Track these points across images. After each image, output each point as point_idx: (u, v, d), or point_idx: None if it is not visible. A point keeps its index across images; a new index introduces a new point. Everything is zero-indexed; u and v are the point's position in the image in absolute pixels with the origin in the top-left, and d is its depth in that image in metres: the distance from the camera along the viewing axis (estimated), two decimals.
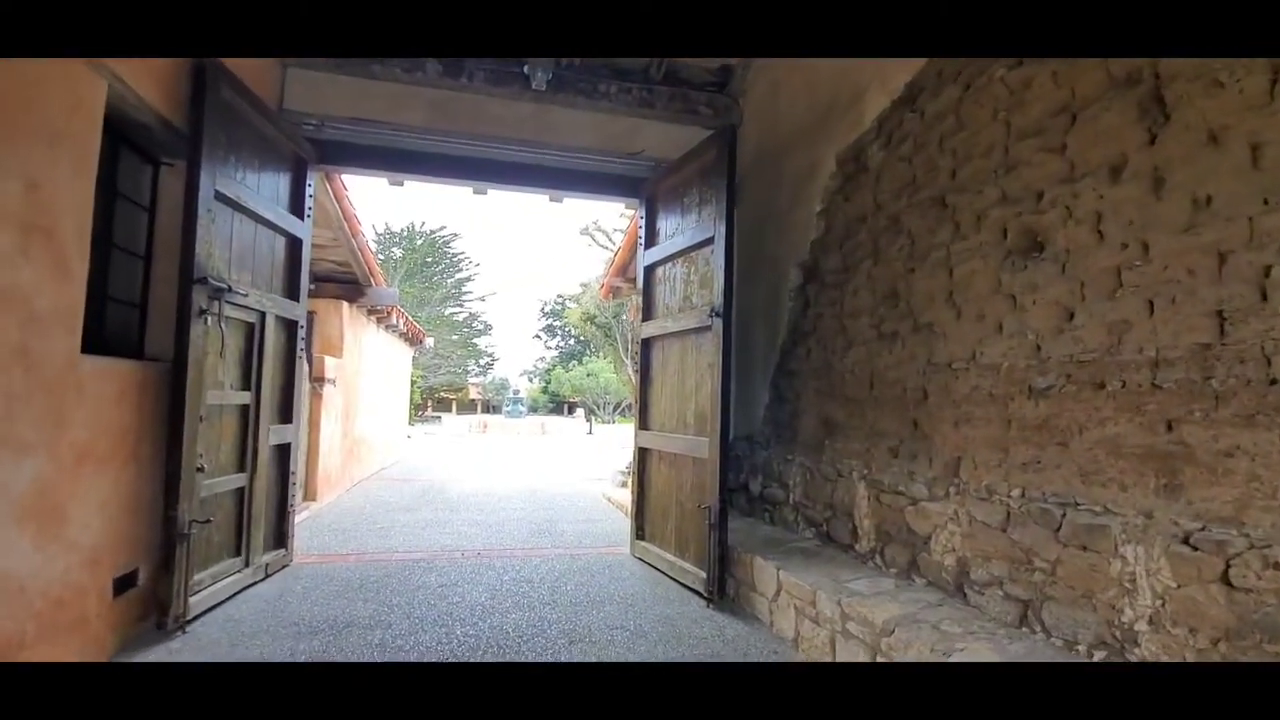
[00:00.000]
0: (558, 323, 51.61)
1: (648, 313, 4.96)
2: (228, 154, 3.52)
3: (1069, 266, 2.38)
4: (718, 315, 3.89)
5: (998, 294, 2.67)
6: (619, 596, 3.89)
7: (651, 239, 4.99)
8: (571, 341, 51.47)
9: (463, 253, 40.60)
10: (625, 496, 7.15)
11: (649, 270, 4.98)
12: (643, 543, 4.75)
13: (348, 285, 7.61)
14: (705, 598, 3.79)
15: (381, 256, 35.22)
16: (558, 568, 4.49)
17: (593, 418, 32.54)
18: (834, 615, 2.82)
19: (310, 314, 7.17)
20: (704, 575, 3.84)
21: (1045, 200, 2.49)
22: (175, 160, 3.56)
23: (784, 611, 3.23)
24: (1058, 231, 2.43)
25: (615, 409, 43.34)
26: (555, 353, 51.60)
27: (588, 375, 39.22)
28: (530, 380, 52.02)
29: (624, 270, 8.66)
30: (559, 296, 52.23)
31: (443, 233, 38.13)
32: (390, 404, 10.82)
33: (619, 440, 20.81)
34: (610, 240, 13.89)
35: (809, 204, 4.22)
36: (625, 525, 5.97)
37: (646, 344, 4.94)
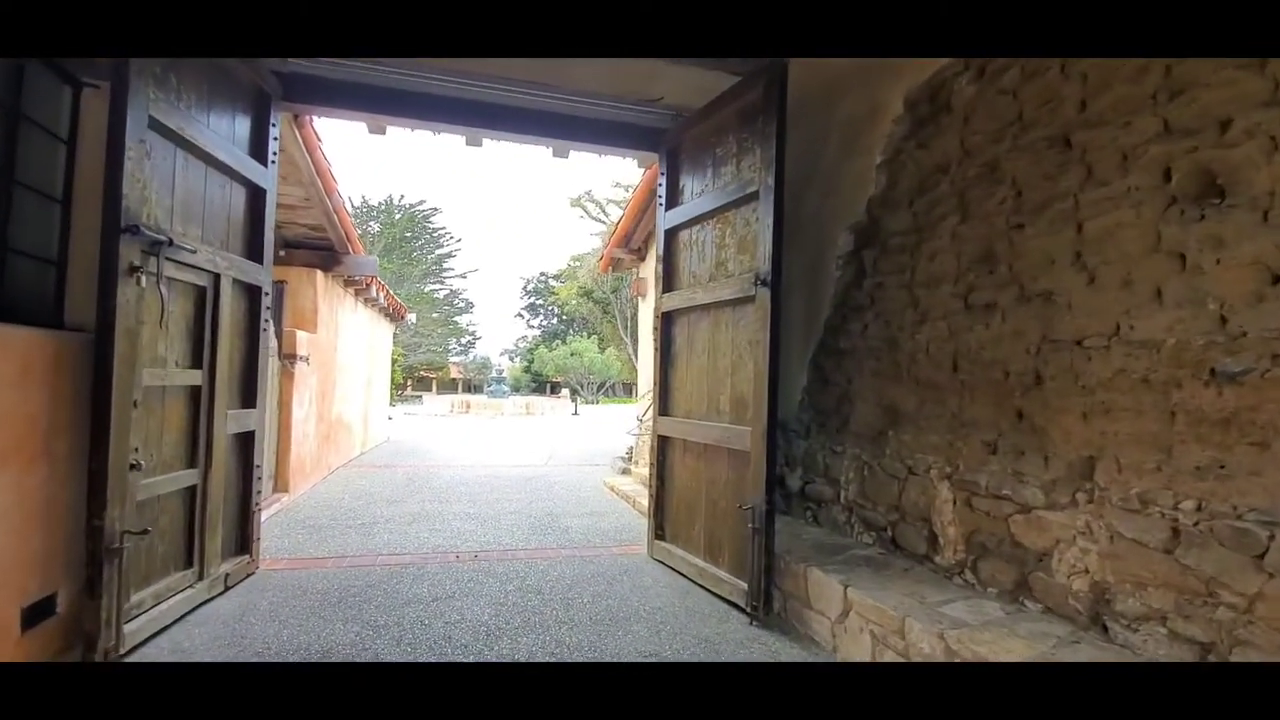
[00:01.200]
0: (541, 301, 50.69)
1: (669, 283, 4.34)
2: (166, 72, 2.81)
3: (1274, 214, 1.82)
4: (764, 284, 3.30)
5: (1156, 253, 2.10)
6: (645, 612, 3.33)
7: (674, 198, 4.35)
8: (555, 320, 50.62)
9: (444, 228, 39.36)
10: (630, 486, 6.57)
11: (670, 235, 4.36)
12: (663, 543, 4.20)
13: (322, 252, 6.86)
14: (748, 613, 3.24)
15: (359, 231, 33.94)
16: (568, 574, 3.91)
17: (577, 398, 31.97)
18: (934, 650, 2.28)
19: (280, 284, 6.44)
20: (745, 586, 3.30)
21: (1236, 130, 1.92)
22: (101, 82, 2.84)
23: (855, 638, 2.69)
24: (1255, 170, 1.86)
25: (600, 389, 42.87)
26: (538, 331, 50.80)
27: (571, 355, 38.57)
28: (512, 359, 51.19)
29: (626, 240, 8.00)
30: (542, 274, 51.22)
31: (423, 207, 36.80)
32: (371, 383, 10.09)
33: (607, 421, 20.22)
34: (604, 212, 13.19)
35: (865, 155, 3.62)
36: (635, 520, 5.41)
37: (668, 319, 4.33)
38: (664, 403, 4.32)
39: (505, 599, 3.45)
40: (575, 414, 26.06)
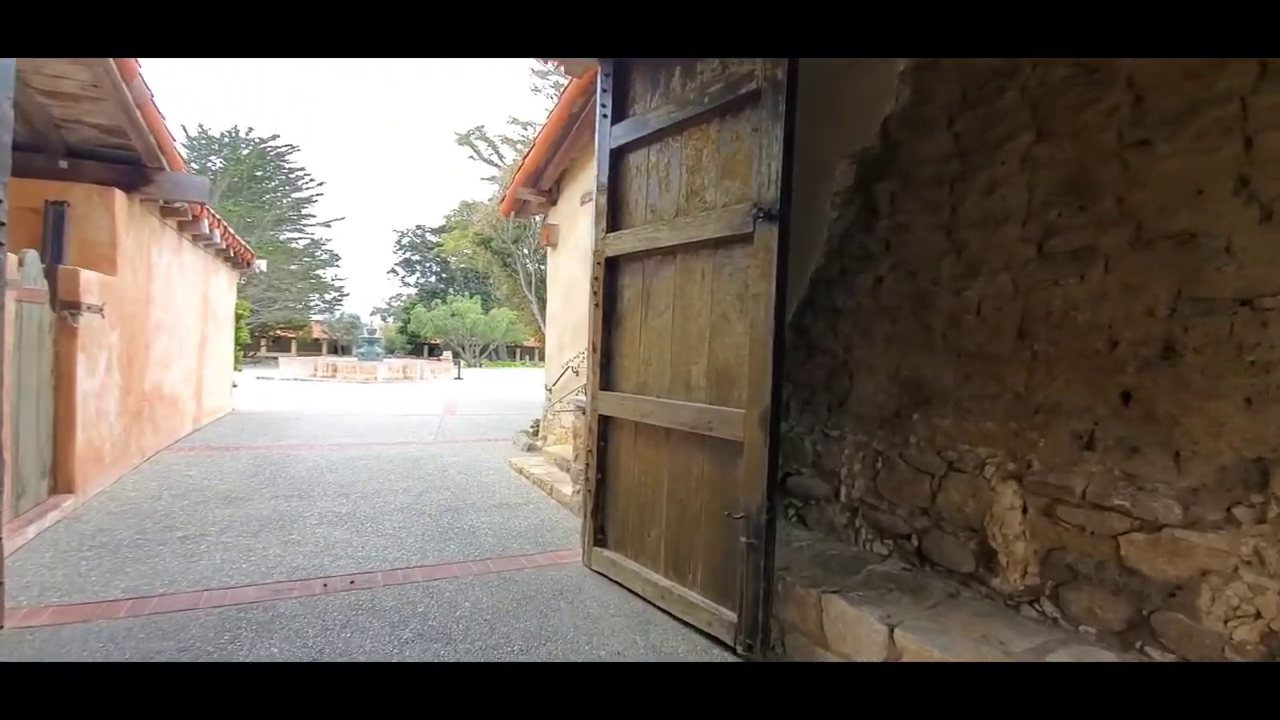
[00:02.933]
0: (418, 257, 46.93)
1: (615, 220, 3.36)
2: None
3: None
4: (767, 217, 2.43)
5: None
6: (601, 659, 2.44)
7: (623, 109, 3.34)
8: (434, 278, 47.15)
9: (303, 169, 34.75)
10: (543, 469, 5.58)
11: (618, 157, 3.35)
12: (606, 552, 3.31)
13: (124, 166, 5.07)
14: (736, 653, 2.47)
15: (196, 167, 29.06)
16: (485, 603, 2.92)
17: (459, 361, 29.93)
18: None
19: (57, 205, 4.65)
20: (731, 618, 2.51)
21: None
22: None
23: None
24: None
25: (483, 352, 40.70)
26: (415, 290, 47.31)
27: (452, 315, 36.13)
28: (385, 319, 47.29)
29: (535, 178, 6.80)
30: (419, 228, 47.29)
31: (276, 143, 32.13)
32: (206, 344, 8.17)
33: (498, 387, 18.77)
34: (497, 154, 11.67)
35: (879, 64, 2.83)
36: (558, 515, 4.47)
37: (613, 267, 3.36)
38: (606, 374, 3.38)
39: (400, 654, 2.41)
40: (459, 378, 24.30)
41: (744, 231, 2.55)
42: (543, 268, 9.31)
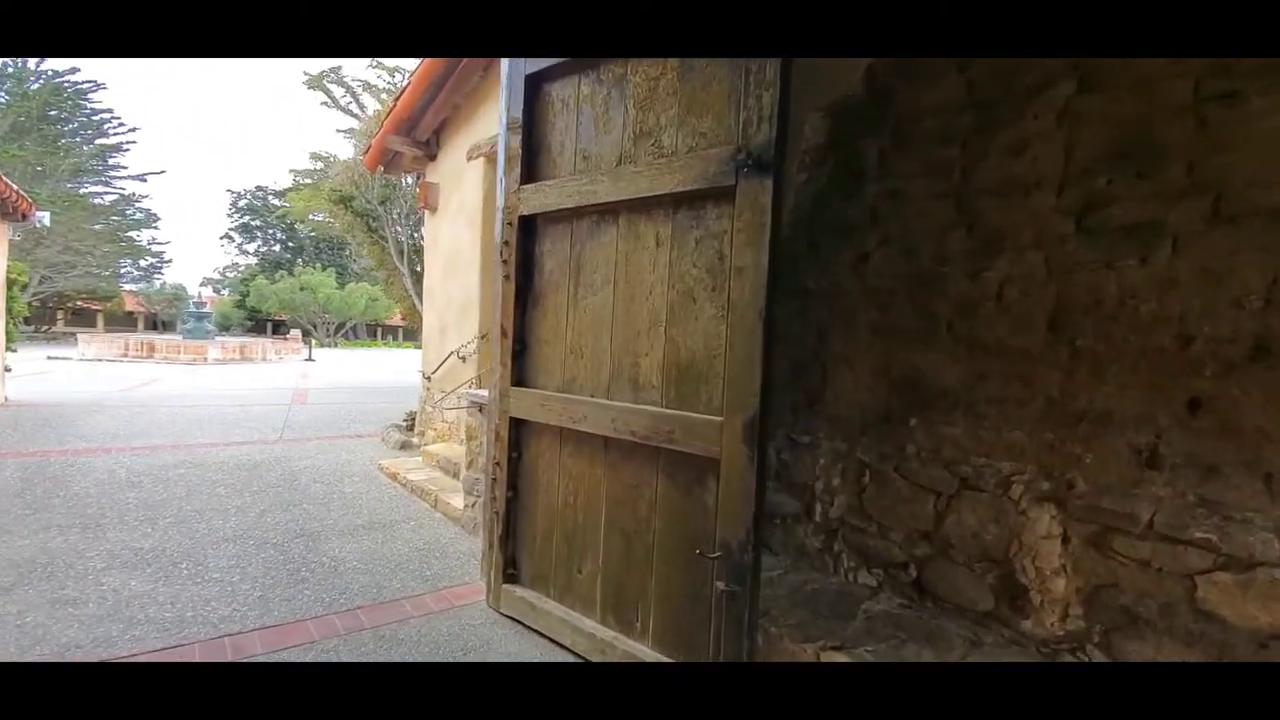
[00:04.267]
0: (258, 222, 41.55)
1: (532, 169, 2.62)
2: None
3: None
4: (757, 166, 1.86)
5: None
6: None
7: None
8: (278, 246, 42.05)
9: (110, 111, 29.03)
10: (423, 472, 4.68)
11: (535, 86, 2.62)
12: (520, 591, 2.63)
13: None
14: None
15: None
16: None
17: (310, 341, 26.85)
18: None
19: None
20: None
21: None
22: None
23: None
24: None
25: (338, 330, 37.07)
26: (254, 259, 42.05)
27: (301, 289, 32.46)
28: (218, 291, 41.55)
29: (409, 125, 5.73)
30: (259, 189, 41.80)
31: (77, 78, 26.54)
32: None
33: (356, 369, 16.81)
34: (357, 102, 10.10)
35: None
36: (447, 532, 3.67)
37: (530, 229, 2.63)
38: (520, 366, 2.66)
39: None
40: (310, 359, 21.73)
41: (721, 185, 1.95)
42: (418, 235, 8.14)
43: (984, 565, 1.96)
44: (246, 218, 41.57)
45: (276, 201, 38.19)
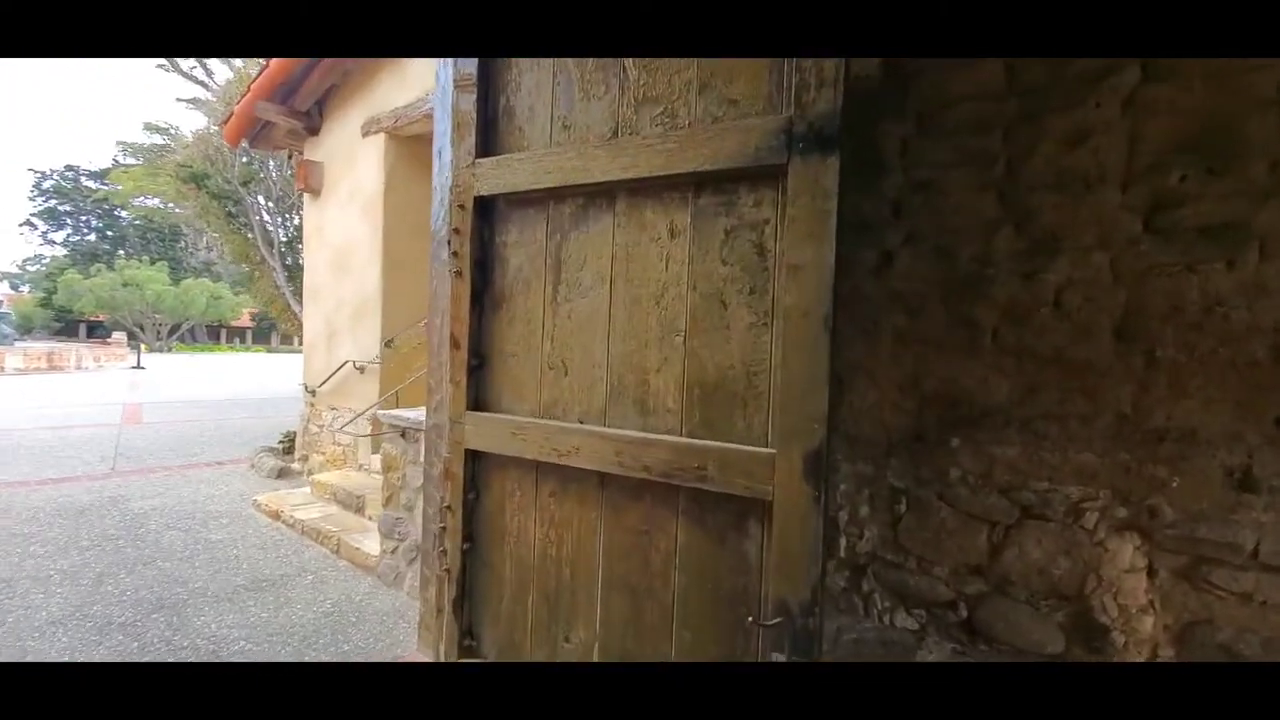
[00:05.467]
0: (69, 207, 35.38)
1: (490, 138, 2.11)
2: None
3: None
4: (818, 141, 1.52)
5: None
6: None
7: None
8: (93, 235, 36.08)
9: None
10: (315, 509, 3.89)
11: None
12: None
13: None
14: None
15: None
16: None
17: (138, 345, 23.18)
18: None
19: None
20: None
21: None
22: None
23: None
24: None
25: (173, 333, 32.62)
26: (64, 250, 35.93)
27: (125, 285, 28.13)
28: (18, 288, 34.94)
29: (287, 90, 4.82)
30: (69, 168, 35.58)
31: None
32: None
33: (199, 378, 14.48)
34: (204, 65, 8.62)
35: None
36: (359, 587, 2.99)
37: (487, 212, 2.12)
38: (478, 385, 2.13)
39: None
40: (139, 367, 18.75)
41: (767, 163, 1.58)
42: (293, 223, 6.97)
43: (1052, 603, 1.76)
44: (53, 201, 35.40)
45: (92, 183, 32.73)
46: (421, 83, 3.99)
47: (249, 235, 6.56)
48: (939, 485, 1.95)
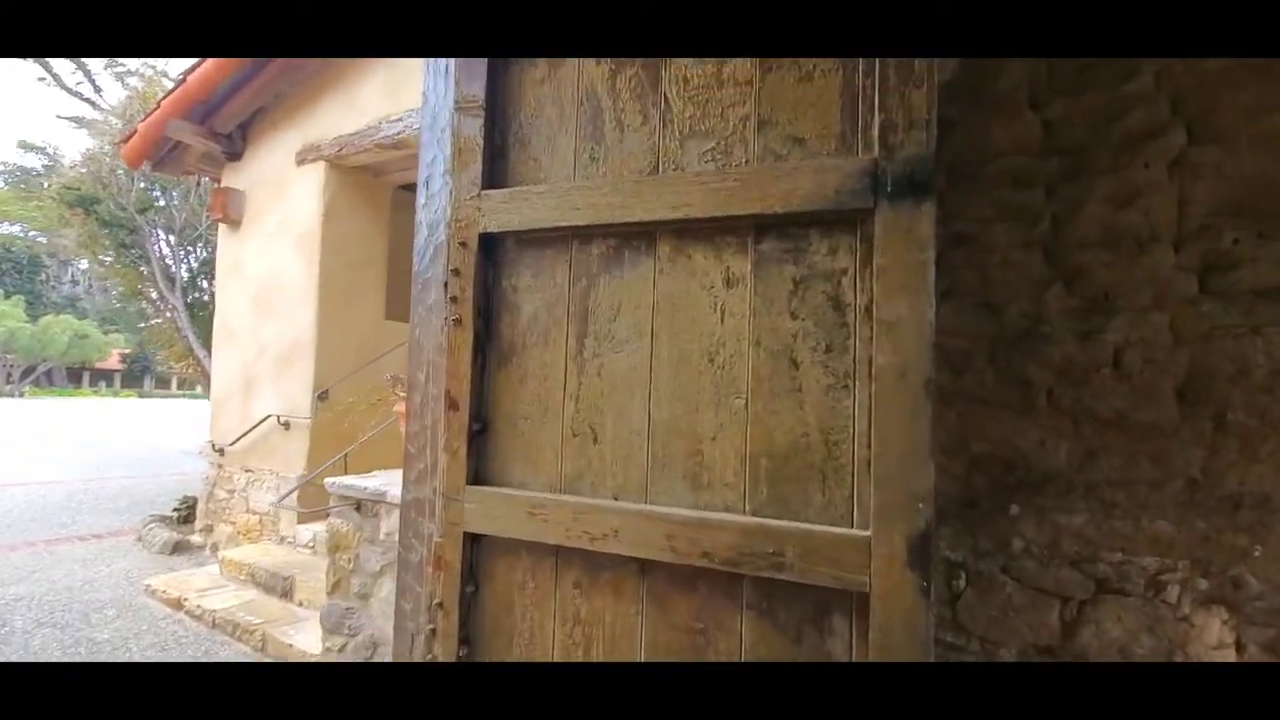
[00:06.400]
0: None
1: (499, 168, 1.86)
2: None
3: None
4: (910, 186, 1.39)
5: None
6: None
7: None
8: None
9: None
10: (231, 596, 3.25)
11: (506, 63, 1.88)
12: None
13: None
14: None
15: None
16: None
17: None
18: None
19: None
20: None
21: None
22: None
23: None
24: None
25: (26, 375, 28.79)
26: None
27: None
28: None
29: (206, 109, 4.29)
30: None
31: None
32: None
33: (63, 428, 12.52)
34: (92, 82, 7.71)
35: None
36: None
37: (494, 251, 1.85)
38: (481, 453, 1.81)
39: None
40: None
41: (849, 207, 1.43)
42: (199, 256, 6.12)
43: None
44: None
45: None
46: (373, 109, 3.64)
47: (143, 269, 5.70)
48: (1001, 558, 1.82)
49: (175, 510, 4.70)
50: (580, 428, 1.70)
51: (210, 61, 3.94)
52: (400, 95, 3.50)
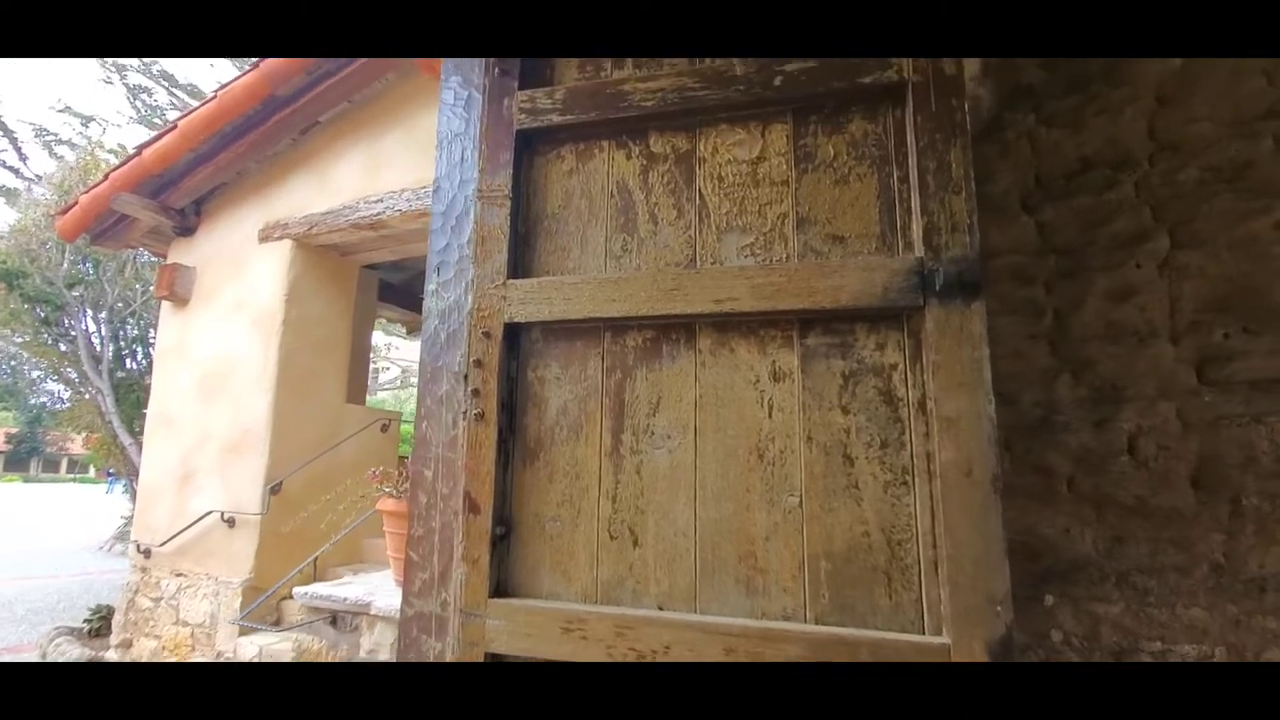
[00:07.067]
0: None
1: (522, 260, 1.82)
2: None
3: None
4: (959, 285, 1.44)
5: None
6: None
7: (542, 70, 1.93)
8: None
9: None
10: None
11: (533, 146, 1.89)
12: None
13: None
14: None
15: None
16: None
17: None
18: None
19: None
20: None
21: None
22: None
23: None
24: None
25: None
26: None
27: None
28: None
29: (161, 183, 4.09)
30: None
31: None
32: None
33: None
34: (18, 150, 7.27)
35: None
36: None
37: (519, 342, 1.77)
38: (506, 560, 1.66)
39: None
40: None
41: (895, 304, 1.46)
42: (128, 334, 5.62)
43: None
44: None
45: None
46: (349, 189, 3.55)
47: (62, 348, 5.16)
48: (1042, 651, 1.79)
49: (87, 621, 4.05)
50: (618, 529, 1.60)
51: (171, 135, 3.76)
52: (380, 176, 3.44)
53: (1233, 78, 1.86)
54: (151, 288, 5.58)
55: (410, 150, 3.33)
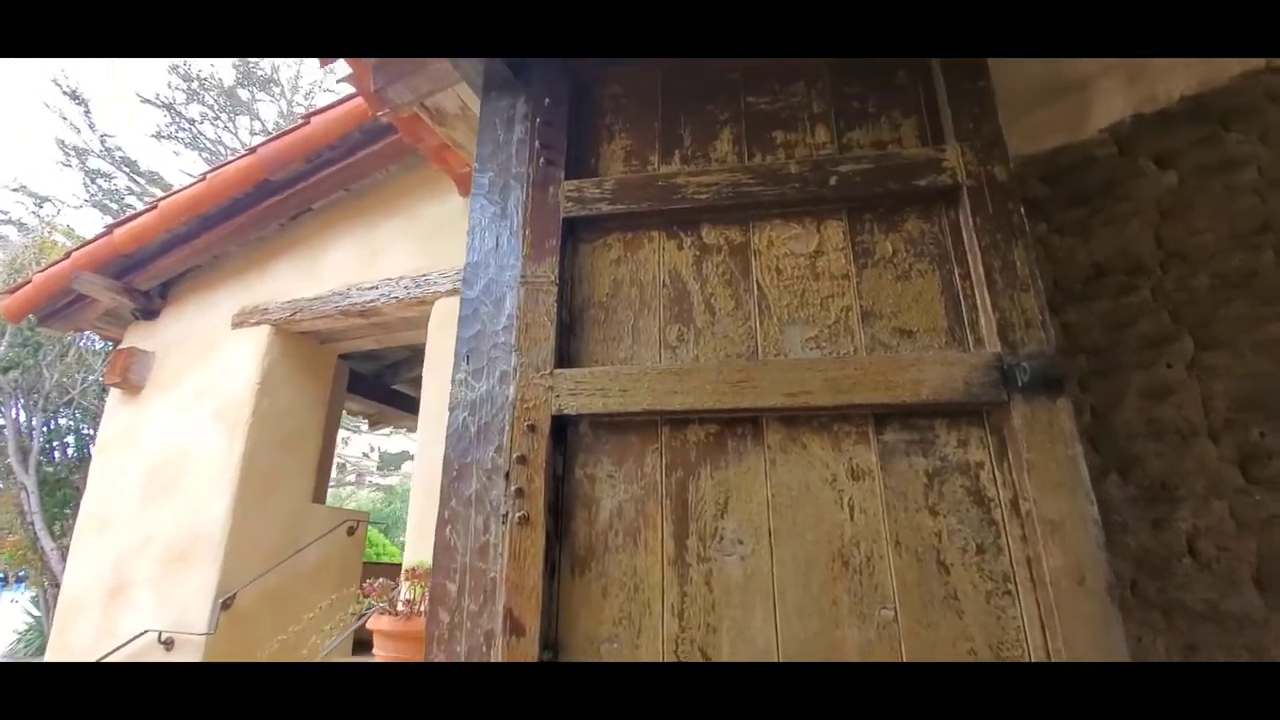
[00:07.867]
0: None
1: (569, 349, 1.72)
2: None
3: None
4: (1040, 382, 1.41)
5: None
6: None
7: (586, 158, 1.93)
8: None
9: None
10: None
11: (573, 231, 1.85)
12: None
13: None
14: None
15: None
16: None
17: None
18: None
19: None
20: None
21: None
22: None
23: None
24: None
25: None
26: None
27: None
28: None
29: (128, 264, 3.85)
30: None
31: None
32: None
33: None
34: None
35: None
36: None
37: (568, 436, 1.63)
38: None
39: None
40: None
41: (977, 400, 1.42)
42: (55, 425, 5.03)
43: None
44: None
45: None
46: (340, 276, 3.40)
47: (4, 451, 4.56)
48: None
49: None
50: (687, 650, 1.41)
51: (149, 215, 3.56)
52: (375, 264, 3.33)
53: (1226, 194, 2.01)
54: (95, 375, 5.12)
55: (409, 239, 3.25)
